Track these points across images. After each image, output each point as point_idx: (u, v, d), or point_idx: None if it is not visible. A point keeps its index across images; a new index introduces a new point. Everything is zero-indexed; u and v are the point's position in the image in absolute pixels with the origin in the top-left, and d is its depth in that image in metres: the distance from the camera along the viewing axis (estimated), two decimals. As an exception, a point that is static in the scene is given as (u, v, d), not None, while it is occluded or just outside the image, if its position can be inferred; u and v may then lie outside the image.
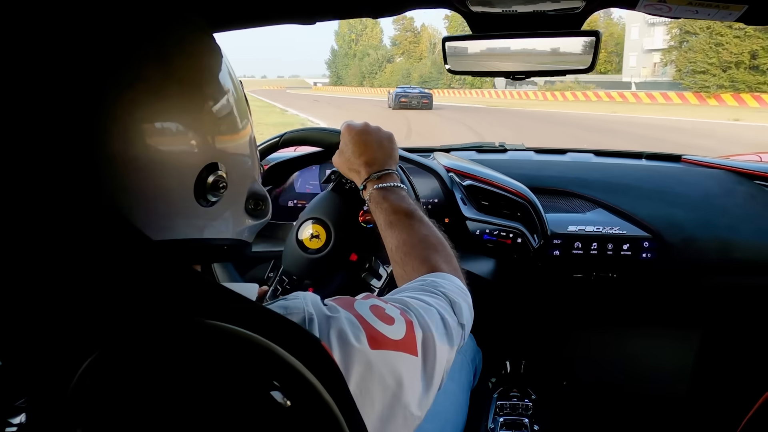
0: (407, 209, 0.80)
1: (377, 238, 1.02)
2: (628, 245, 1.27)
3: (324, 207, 1.05)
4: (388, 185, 0.84)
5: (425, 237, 0.76)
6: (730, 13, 0.78)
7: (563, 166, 1.57)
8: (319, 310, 0.49)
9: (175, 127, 0.45)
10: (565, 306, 1.49)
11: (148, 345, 0.36)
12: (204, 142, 0.48)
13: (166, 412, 0.35)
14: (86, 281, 0.37)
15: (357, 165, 0.88)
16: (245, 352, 0.37)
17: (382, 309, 0.53)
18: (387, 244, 0.79)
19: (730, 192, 1.38)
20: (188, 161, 0.47)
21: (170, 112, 0.45)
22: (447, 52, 1.03)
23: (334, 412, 0.38)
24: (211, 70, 0.51)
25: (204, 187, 0.48)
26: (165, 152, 0.45)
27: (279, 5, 0.88)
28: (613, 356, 1.59)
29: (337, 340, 0.47)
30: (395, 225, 0.78)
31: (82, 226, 0.37)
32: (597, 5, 0.89)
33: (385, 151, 0.89)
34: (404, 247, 0.75)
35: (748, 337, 1.44)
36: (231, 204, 0.53)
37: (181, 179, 0.46)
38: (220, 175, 0.49)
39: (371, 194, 0.84)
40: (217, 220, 0.51)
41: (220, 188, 0.49)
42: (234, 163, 0.52)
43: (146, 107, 0.44)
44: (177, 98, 0.46)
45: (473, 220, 1.29)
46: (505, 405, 1.41)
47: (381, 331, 0.50)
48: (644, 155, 1.68)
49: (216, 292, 0.40)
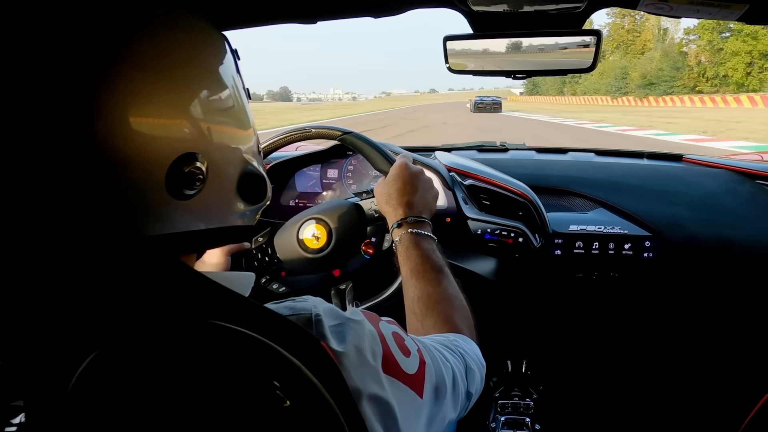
0: (437, 263, 0.79)
1: (367, 272, 1.04)
2: (629, 245, 1.27)
3: (336, 215, 1.07)
4: (422, 233, 0.84)
5: (451, 296, 0.75)
6: (731, 12, 0.78)
7: (565, 165, 1.57)
8: (332, 313, 0.48)
9: (151, 113, 0.41)
10: (567, 305, 1.48)
11: (147, 344, 0.36)
12: (179, 131, 0.43)
13: (165, 411, 0.35)
14: (83, 280, 0.37)
15: (397, 203, 0.88)
16: (245, 352, 0.37)
17: (402, 339, 0.52)
18: (407, 291, 0.77)
19: (731, 191, 1.38)
20: (157, 153, 0.42)
21: (150, 99, 0.41)
22: (448, 52, 1.03)
23: (334, 411, 0.38)
24: (201, 57, 0.47)
25: (178, 181, 0.43)
26: (136, 143, 0.40)
27: (280, 5, 0.88)
28: (614, 355, 1.59)
29: (353, 347, 0.45)
30: (422, 276, 0.77)
31: (77, 223, 0.37)
32: (598, 5, 0.89)
33: (427, 201, 0.90)
34: (428, 300, 0.73)
35: (750, 336, 1.44)
36: (215, 193, 0.48)
37: (150, 171, 0.42)
38: (197, 166, 0.45)
39: (403, 236, 0.84)
40: (197, 211, 0.46)
41: (196, 182, 0.45)
42: (219, 149, 0.48)
43: (129, 90, 0.40)
44: (162, 83, 0.43)
45: (475, 220, 1.29)
46: (507, 404, 1.41)
47: (396, 359, 0.49)
48: (645, 155, 1.68)
49: (215, 291, 0.39)
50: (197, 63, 0.47)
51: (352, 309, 0.50)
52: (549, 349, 1.62)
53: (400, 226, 0.86)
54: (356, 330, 0.47)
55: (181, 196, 0.44)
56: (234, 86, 0.51)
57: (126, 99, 0.40)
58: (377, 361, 0.46)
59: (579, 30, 0.96)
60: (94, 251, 0.37)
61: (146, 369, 0.36)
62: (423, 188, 0.91)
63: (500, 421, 1.36)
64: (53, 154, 0.37)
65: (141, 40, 0.41)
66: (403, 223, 0.86)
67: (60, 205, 0.37)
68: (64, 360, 0.36)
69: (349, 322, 0.47)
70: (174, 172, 0.43)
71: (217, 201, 0.49)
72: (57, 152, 0.37)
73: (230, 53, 0.53)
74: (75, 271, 0.37)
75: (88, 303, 0.37)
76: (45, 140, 0.36)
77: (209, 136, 0.46)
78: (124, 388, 0.35)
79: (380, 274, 1.28)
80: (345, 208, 1.08)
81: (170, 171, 0.43)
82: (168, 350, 0.36)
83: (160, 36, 0.43)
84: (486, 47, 1.02)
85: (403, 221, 0.86)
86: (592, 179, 1.43)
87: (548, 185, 1.41)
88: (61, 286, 0.37)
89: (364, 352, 0.46)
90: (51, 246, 0.37)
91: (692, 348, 1.53)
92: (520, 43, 1.00)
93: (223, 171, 0.49)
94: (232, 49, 0.54)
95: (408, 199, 0.88)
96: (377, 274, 1.28)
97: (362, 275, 1.16)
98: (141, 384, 0.35)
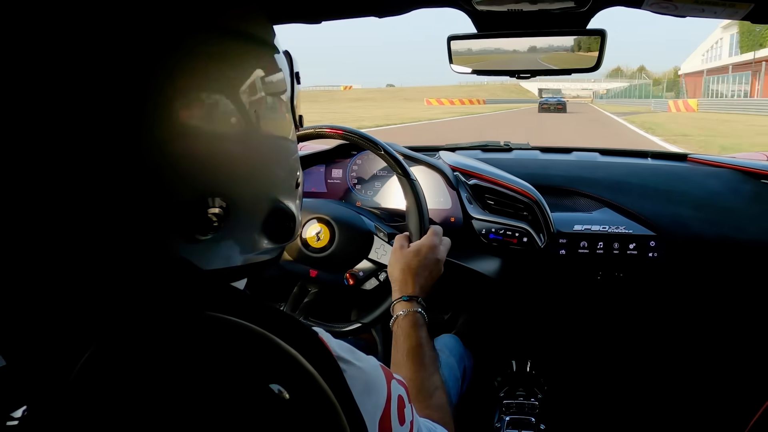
0: (433, 351, 0.82)
1: (335, 295, 1.13)
2: (634, 244, 1.27)
3: (345, 226, 1.10)
4: (425, 316, 0.86)
5: (441, 388, 0.77)
6: (736, 11, 0.78)
7: (569, 165, 1.57)
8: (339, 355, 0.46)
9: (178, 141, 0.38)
10: (571, 305, 1.48)
11: (146, 337, 0.36)
12: (201, 167, 0.39)
13: (163, 404, 0.35)
14: (83, 276, 0.37)
15: (412, 278, 0.90)
16: (244, 343, 0.37)
17: (403, 405, 0.51)
18: (399, 371, 0.78)
19: (735, 191, 1.38)
20: (175, 193, 0.38)
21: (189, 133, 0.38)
22: (452, 51, 1.03)
23: (333, 403, 0.38)
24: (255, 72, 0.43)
25: (191, 225, 0.40)
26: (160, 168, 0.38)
27: (285, 6, 0.89)
28: (619, 355, 1.59)
29: (360, 390, 0.44)
30: (419, 360, 0.79)
31: (83, 224, 0.37)
32: (602, 4, 0.89)
33: (430, 286, 0.93)
34: (421, 386, 0.75)
35: (756, 336, 1.43)
36: (235, 234, 0.44)
37: (163, 211, 0.39)
38: (216, 213, 0.40)
39: (409, 313, 0.85)
40: (212, 250, 0.43)
41: (212, 228, 0.41)
42: (248, 187, 0.43)
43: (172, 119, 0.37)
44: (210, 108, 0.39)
45: (479, 220, 1.29)
46: (511, 404, 1.41)
47: (392, 423, 0.48)
48: (649, 154, 1.67)
49: (213, 284, 0.40)
50: (241, 88, 0.42)
51: (370, 357, 0.49)
52: (554, 349, 1.62)
53: (408, 301, 0.87)
54: (366, 378, 0.47)
55: (191, 240, 0.41)
56: (285, 117, 0.48)
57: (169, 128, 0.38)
58: (374, 420, 0.46)
59: (583, 29, 0.96)
60: (96, 249, 0.37)
61: (144, 361, 0.36)
62: (436, 276, 0.94)
63: (505, 421, 1.35)
64: (93, 155, 0.36)
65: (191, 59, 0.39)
66: (413, 300, 0.87)
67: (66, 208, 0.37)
68: (64, 353, 0.36)
69: (361, 370, 0.47)
70: (192, 214, 0.40)
71: (237, 241, 0.45)
72: (96, 153, 0.36)
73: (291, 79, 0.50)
74: (80, 267, 0.37)
75: (88, 297, 0.37)
76: (89, 143, 0.35)
77: (240, 173, 0.42)
78: (123, 380, 0.35)
79: (345, 306, 1.32)
80: (357, 227, 1.10)
81: (188, 211, 0.39)
82: (165, 342, 0.36)
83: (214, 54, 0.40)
84: (490, 46, 1.02)
85: (413, 298, 0.87)
86: (596, 179, 1.43)
87: (552, 185, 1.41)
88: (64, 281, 0.37)
89: (367, 405, 0.45)
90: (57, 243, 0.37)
91: (697, 348, 1.52)
92: (524, 42, 1.00)
93: (249, 211, 0.45)
94: (293, 73, 0.51)
95: (424, 282, 0.91)
96: (343, 304, 1.32)
97: (329, 294, 1.18)
98: (139, 376, 0.35)
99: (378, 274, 1.10)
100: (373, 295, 1.10)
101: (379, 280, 1.10)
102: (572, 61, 1.01)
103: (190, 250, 0.41)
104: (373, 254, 1.09)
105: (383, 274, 1.09)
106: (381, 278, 1.10)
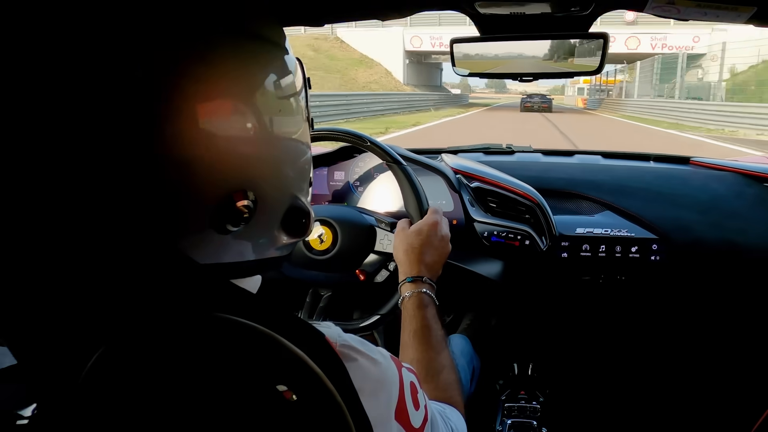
0: (440, 330, 0.81)
1: (349, 294, 1.11)
2: (636, 247, 1.27)
3: (347, 225, 1.09)
4: (432, 296, 0.85)
5: (450, 367, 0.77)
6: (739, 14, 0.78)
7: (571, 168, 1.56)
8: (350, 345, 0.48)
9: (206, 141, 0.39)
10: (573, 308, 1.48)
11: (155, 338, 0.36)
12: (235, 163, 0.41)
13: (171, 404, 0.35)
14: (94, 276, 0.37)
15: (417, 258, 0.89)
16: (251, 344, 0.37)
17: (416, 391, 0.52)
18: (406, 352, 0.78)
19: (738, 194, 1.37)
20: (207, 188, 0.40)
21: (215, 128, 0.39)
22: (455, 54, 1.03)
23: (339, 405, 0.38)
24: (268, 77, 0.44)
25: (223, 217, 0.42)
26: (184, 171, 0.39)
27: (287, 9, 0.89)
28: (621, 359, 1.58)
29: (372, 386, 0.46)
30: (425, 340, 0.78)
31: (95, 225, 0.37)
32: (604, 7, 0.89)
33: (440, 266, 0.91)
34: (429, 366, 0.75)
35: (759, 340, 1.43)
36: (258, 229, 0.46)
37: (198, 202, 0.40)
38: (246, 204, 0.43)
39: (414, 294, 0.84)
40: (235, 244, 0.45)
41: (242, 219, 0.43)
42: (272, 184, 0.46)
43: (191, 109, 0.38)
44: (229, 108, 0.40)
45: (481, 222, 1.29)
46: (513, 407, 1.41)
47: (408, 411, 0.49)
48: (652, 157, 1.67)
49: (220, 285, 0.40)
50: (266, 88, 0.44)
51: (380, 348, 0.50)
52: (556, 352, 1.62)
53: (413, 282, 0.86)
54: (380, 372, 0.48)
55: (223, 231, 0.42)
56: (302, 118, 0.50)
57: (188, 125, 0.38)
58: (390, 409, 0.47)
59: (586, 32, 0.96)
60: (107, 249, 0.37)
61: (153, 362, 0.36)
62: (442, 253, 0.92)
63: (507, 424, 1.35)
64: (112, 155, 0.36)
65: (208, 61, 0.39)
66: (417, 280, 0.86)
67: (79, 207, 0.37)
68: (74, 353, 0.36)
69: (376, 363, 0.48)
70: (223, 207, 0.41)
71: (257, 236, 0.47)
72: (116, 153, 0.36)
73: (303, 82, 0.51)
74: (90, 268, 0.37)
75: (99, 297, 0.37)
76: (107, 144, 0.36)
77: (266, 170, 0.45)
78: (132, 380, 0.35)
79: (361, 302, 1.30)
80: (358, 223, 1.09)
81: (219, 205, 0.41)
82: (174, 343, 0.36)
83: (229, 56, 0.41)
84: (493, 49, 1.02)
85: (417, 279, 0.86)
86: (598, 182, 1.43)
87: (554, 188, 1.41)
88: (75, 281, 0.37)
89: (380, 395, 0.47)
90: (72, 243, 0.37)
91: (700, 352, 1.52)
92: (526, 45, 1.00)
93: (272, 206, 0.47)
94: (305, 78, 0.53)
95: (429, 260, 0.89)
96: (358, 300, 1.30)
97: (343, 294, 1.16)
98: (148, 376, 0.36)
99: (387, 264, 1.09)
100: (386, 285, 1.10)
101: (389, 270, 1.09)
102: (575, 63, 1.01)
103: (217, 241, 0.43)
104: (378, 246, 1.08)
105: (392, 263, 1.08)
106: (390, 268, 1.09)
